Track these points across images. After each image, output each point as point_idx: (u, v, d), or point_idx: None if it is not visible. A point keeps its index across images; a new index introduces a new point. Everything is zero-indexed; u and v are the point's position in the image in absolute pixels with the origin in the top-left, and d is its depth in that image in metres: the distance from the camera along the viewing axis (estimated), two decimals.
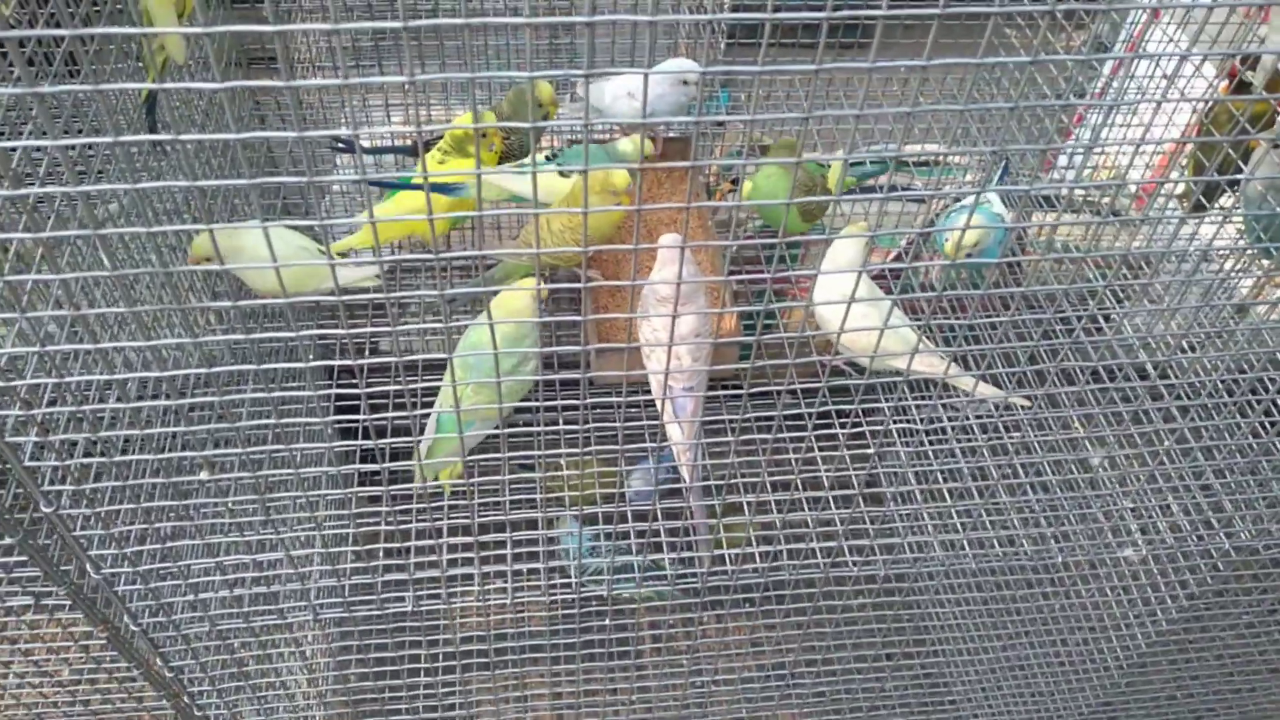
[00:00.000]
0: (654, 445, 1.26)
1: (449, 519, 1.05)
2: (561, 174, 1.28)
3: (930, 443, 1.21)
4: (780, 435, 0.87)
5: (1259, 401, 1.18)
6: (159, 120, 1.07)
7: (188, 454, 0.83)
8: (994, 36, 1.55)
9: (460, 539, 1.00)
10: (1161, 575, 1.26)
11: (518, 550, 1.03)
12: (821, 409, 0.88)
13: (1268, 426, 1.13)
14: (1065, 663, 1.46)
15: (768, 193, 1.43)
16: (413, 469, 1.07)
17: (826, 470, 1.11)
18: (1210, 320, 1.43)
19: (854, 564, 1.10)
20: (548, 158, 1.31)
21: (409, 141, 1.65)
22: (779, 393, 0.84)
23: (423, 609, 1.04)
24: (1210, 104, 1.34)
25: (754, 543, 1.12)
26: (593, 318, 0.77)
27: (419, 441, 1.10)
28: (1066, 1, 1.01)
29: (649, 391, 1.25)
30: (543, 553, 1.03)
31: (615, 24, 1.61)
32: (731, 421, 0.89)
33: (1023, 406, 1.12)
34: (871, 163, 1.93)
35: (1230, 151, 1.30)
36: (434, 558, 0.98)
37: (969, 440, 1.30)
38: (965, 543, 1.12)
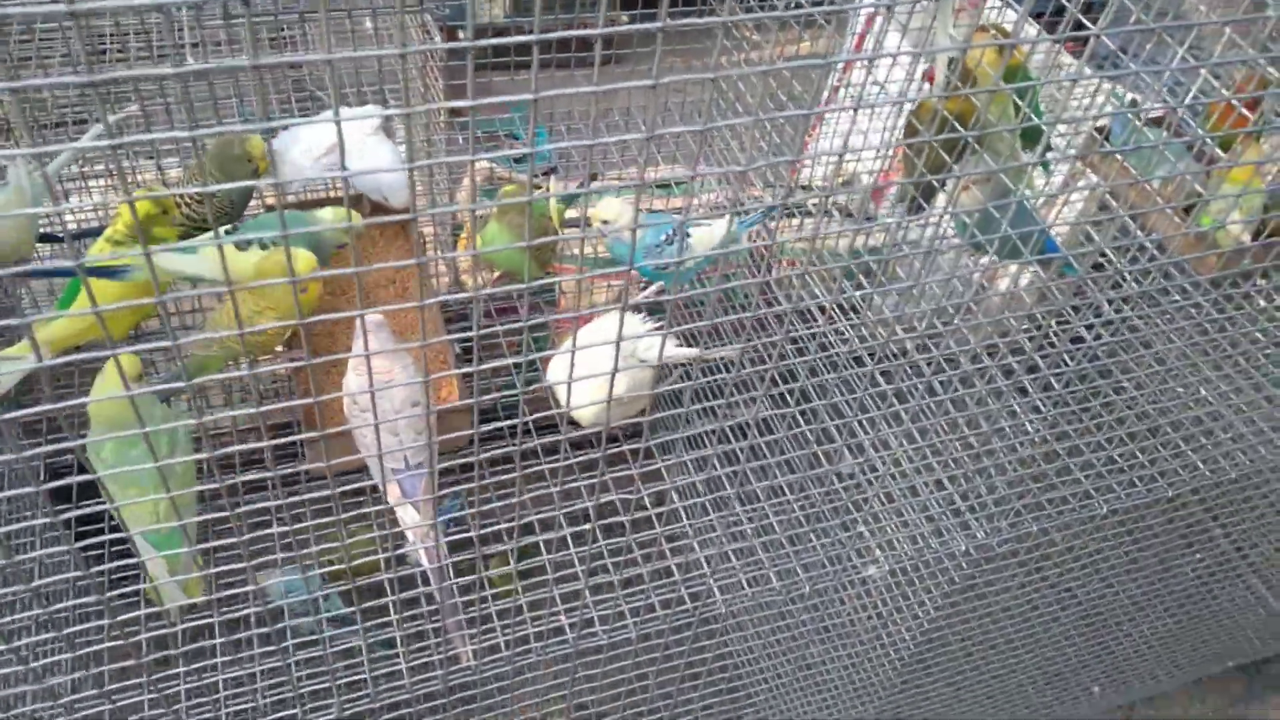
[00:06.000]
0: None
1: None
2: (239, 248, 1.16)
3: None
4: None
5: (973, 396, 1.21)
6: None
7: None
8: (727, 41, 1.55)
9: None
10: (909, 586, 1.28)
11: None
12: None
13: (982, 422, 1.16)
14: (848, 669, 1.47)
15: (500, 243, 1.37)
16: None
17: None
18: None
19: (604, 633, 1.05)
20: (226, 233, 1.17)
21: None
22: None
23: None
24: (914, 105, 1.38)
25: (499, 630, 1.05)
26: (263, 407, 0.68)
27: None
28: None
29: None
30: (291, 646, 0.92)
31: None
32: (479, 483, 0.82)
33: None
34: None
35: (942, 153, 1.33)
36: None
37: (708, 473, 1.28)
38: (714, 588, 1.10)
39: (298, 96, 1.63)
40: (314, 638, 0.91)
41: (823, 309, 1.34)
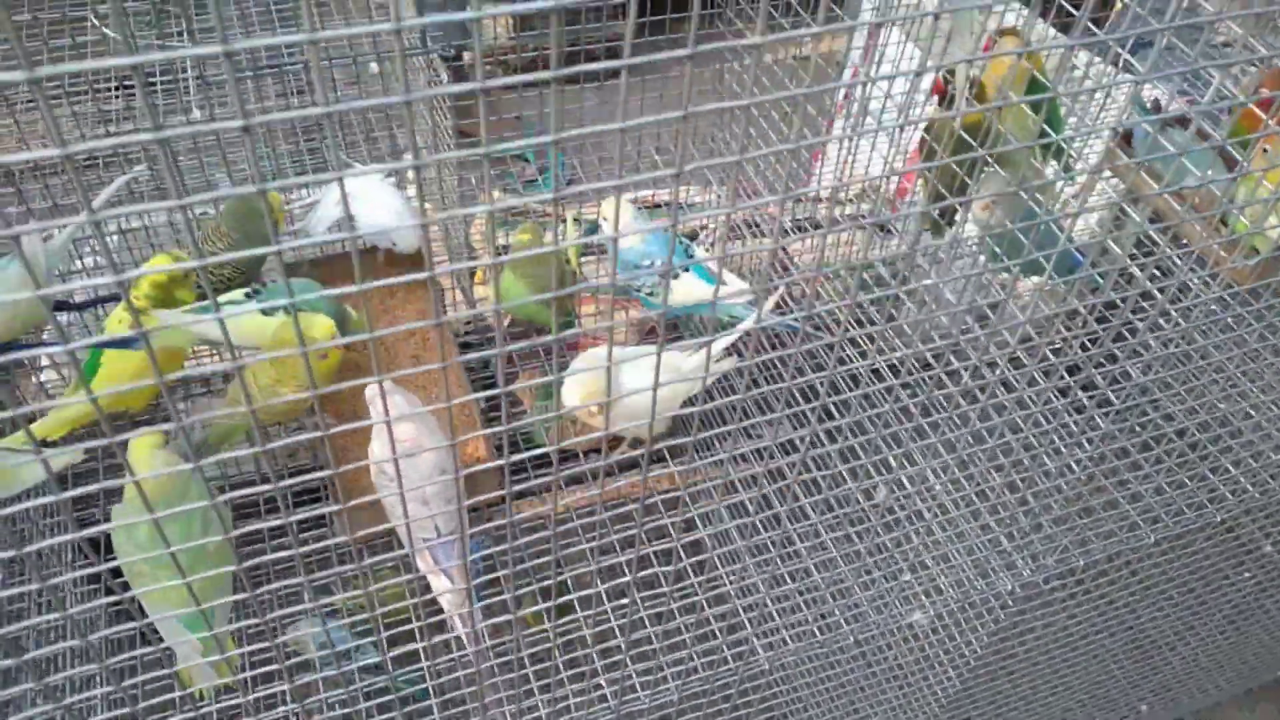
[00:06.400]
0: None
1: None
2: (264, 312, 1.14)
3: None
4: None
5: (1019, 439, 1.17)
6: None
7: None
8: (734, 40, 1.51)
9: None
10: (955, 627, 1.25)
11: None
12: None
13: (1027, 462, 1.13)
14: (894, 709, 1.44)
15: (516, 294, 1.34)
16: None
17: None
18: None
19: (646, 697, 1.02)
20: (248, 294, 1.15)
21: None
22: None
23: None
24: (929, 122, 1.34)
25: (540, 702, 1.02)
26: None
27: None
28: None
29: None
30: None
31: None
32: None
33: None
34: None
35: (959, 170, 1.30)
36: None
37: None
38: (757, 646, 1.07)
39: (308, 144, 1.61)
40: (348, 710, 0.88)
41: (855, 342, 1.31)
